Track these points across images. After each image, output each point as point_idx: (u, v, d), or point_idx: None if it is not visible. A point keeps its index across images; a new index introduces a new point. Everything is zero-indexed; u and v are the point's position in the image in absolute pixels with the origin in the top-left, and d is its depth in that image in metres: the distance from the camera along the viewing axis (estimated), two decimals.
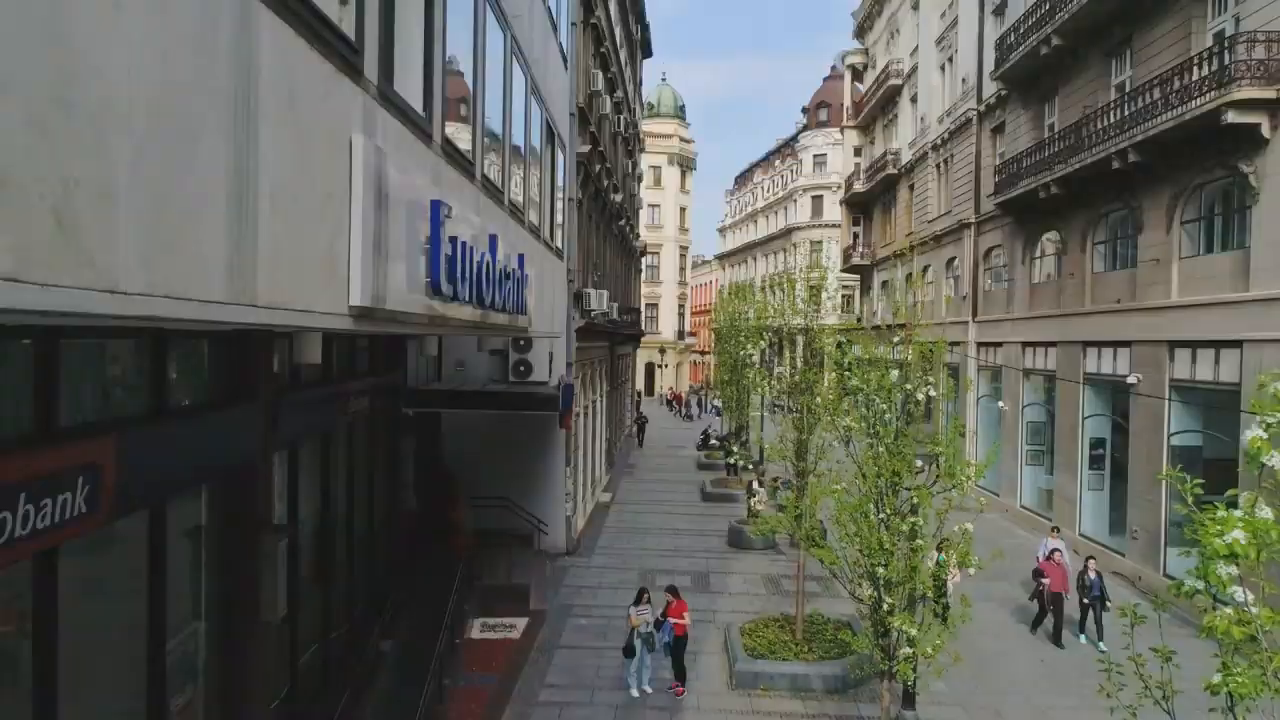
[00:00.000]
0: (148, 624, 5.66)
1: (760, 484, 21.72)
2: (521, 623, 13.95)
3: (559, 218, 13.95)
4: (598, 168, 21.85)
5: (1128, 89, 18.27)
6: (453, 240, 5.84)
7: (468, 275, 6.26)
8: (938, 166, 31.16)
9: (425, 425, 16.94)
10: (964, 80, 28.21)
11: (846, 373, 8.53)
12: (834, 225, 61.80)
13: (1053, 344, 21.48)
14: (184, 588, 6.48)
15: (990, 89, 25.87)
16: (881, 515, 7.29)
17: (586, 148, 19.59)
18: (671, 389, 64.85)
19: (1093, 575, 13.51)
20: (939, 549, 7.81)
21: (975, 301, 26.91)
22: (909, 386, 7.77)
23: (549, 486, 18.70)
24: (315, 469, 9.85)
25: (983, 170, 26.74)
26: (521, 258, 8.85)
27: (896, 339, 8.33)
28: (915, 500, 7.12)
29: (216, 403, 6.58)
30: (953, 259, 29.27)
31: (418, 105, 5.62)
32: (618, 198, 27.75)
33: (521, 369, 18.02)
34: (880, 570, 7.10)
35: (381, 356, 12.80)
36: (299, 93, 3.68)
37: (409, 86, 5.48)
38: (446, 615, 12.20)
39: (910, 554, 7.04)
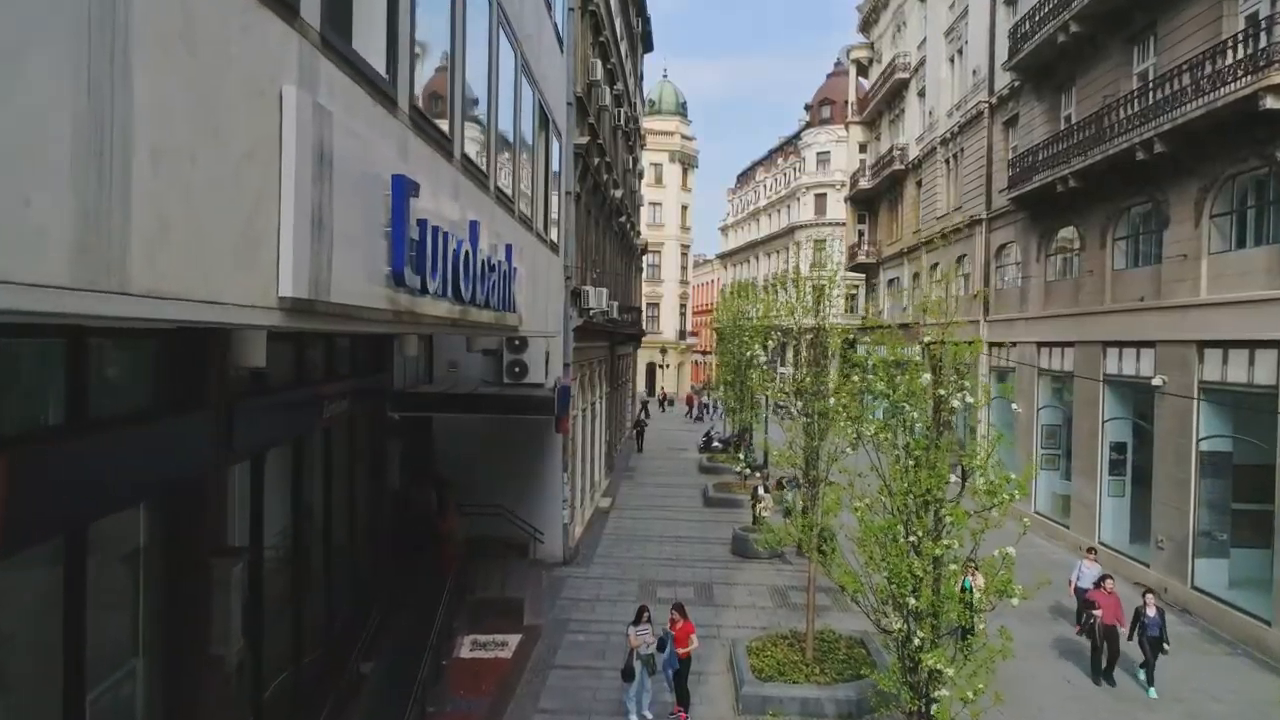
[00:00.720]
0: (63, 666, 4.86)
1: (765, 489, 20.92)
2: (514, 640, 13.15)
3: (554, 211, 13.15)
4: (596, 161, 21.05)
5: (1152, 77, 17.45)
6: (422, 224, 5.05)
7: (442, 265, 5.46)
8: (946, 161, 30.33)
9: (415, 429, 16.15)
10: (974, 72, 27.38)
11: (869, 375, 7.69)
12: (838, 224, 61.05)
13: (1070, 344, 20.66)
14: (116, 621, 5.69)
15: (1003, 80, 25.04)
16: (911, 538, 6.45)
17: (585, 139, 18.79)
18: (663, 391, 63.84)
19: (1152, 612, 12.28)
20: (969, 571, 6.93)
21: (986, 299, 26.07)
22: (942, 392, 6.94)
23: (546, 493, 17.90)
24: (285, 480, 9.05)
25: (994, 164, 25.91)
26: (510, 249, 8.05)
27: (926, 338, 7.52)
28: (950, 520, 6.30)
29: (157, 410, 5.78)
30: (963, 256, 28.44)
31: (379, 65, 4.82)
32: (618, 193, 26.96)
33: (516, 370, 17.22)
34: (910, 601, 6.27)
35: (364, 357, 12.01)
36: (199, 22, 2.87)
37: (368, 42, 4.67)
38: (432, 634, 11.40)
39: (943, 581, 6.20)
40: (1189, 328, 15.77)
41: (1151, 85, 16.81)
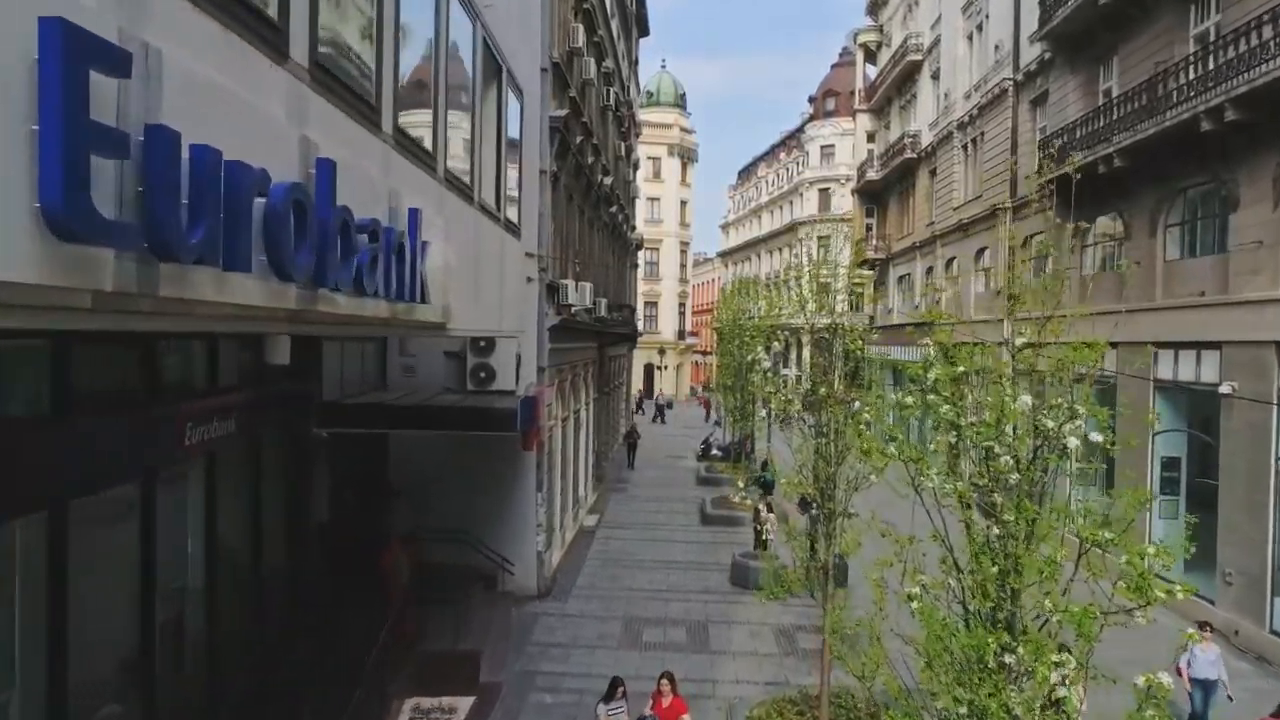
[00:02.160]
0: None
1: (770, 508, 18.62)
2: (466, 704, 10.84)
3: (513, 184, 10.87)
4: (580, 140, 18.77)
5: (1213, 38, 15.14)
6: (158, 136, 2.77)
7: (228, 215, 3.19)
8: (964, 147, 28.02)
9: (363, 446, 13.89)
10: (997, 47, 25.07)
11: (931, 395, 5.38)
12: (842, 219, 58.76)
13: (1110, 345, 18.30)
14: None
15: (1030, 54, 22.72)
16: (1008, 658, 4.16)
17: (564, 112, 16.50)
18: (661, 394, 61.13)
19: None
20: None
21: (1014, 296, 23.70)
22: (1050, 423, 4.70)
23: (518, 516, 15.63)
24: (125, 532, 6.77)
25: (1020, 147, 23.60)
26: (415, 216, 5.77)
27: (1021, 340, 5.29)
28: (1075, 629, 4.02)
29: None
30: (983, 249, 26.13)
31: None
32: (608, 180, 24.66)
33: (482, 375, 15.01)
34: None
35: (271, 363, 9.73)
36: None
37: None
38: (353, 704, 9.12)
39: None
40: (1266, 326, 13.46)
41: (1215, 46, 14.50)
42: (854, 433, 9.27)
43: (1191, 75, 15.06)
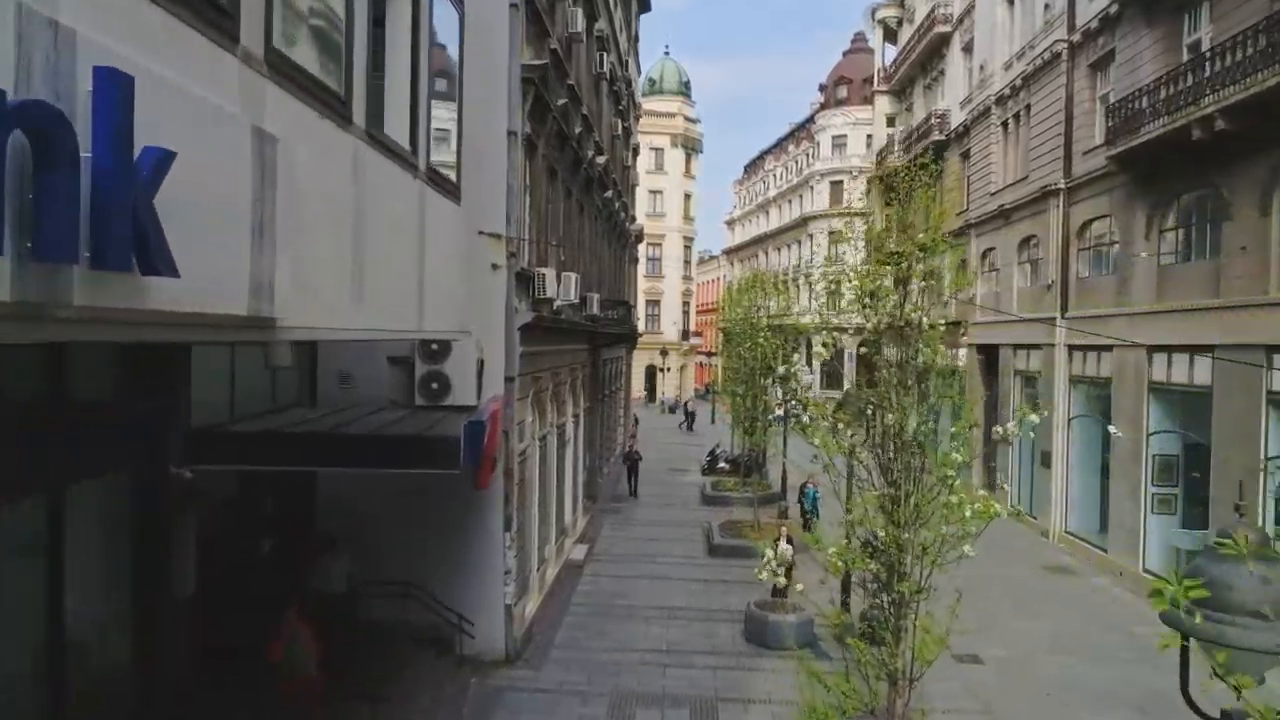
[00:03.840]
0: None
1: (790, 540, 15.46)
2: None
3: (444, 124, 7.78)
4: (563, 102, 15.66)
5: None
6: None
7: None
8: (1005, 124, 24.85)
9: (281, 482, 10.85)
10: (1047, 6, 21.91)
11: None
12: (856, 214, 55.55)
13: (1205, 348, 15.17)
14: None
15: (1090, 10, 19.58)
16: None
17: (541, 62, 13.40)
18: (683, 400, 57.75)
19: None
20: None
21: (1065, 292, 20.61)
22: None
23: (481, 562, 12.58)
24: None
25: (1076, 119, 20.44)
26: (108, 87, 2.68)
27: None
28: None
29: None
30: (1029, 238, 22.96)
31: None
32: (601, 160, 21.57)
33: (434, 387, 11.89)
34: None
35: (114, 376, 6.73)
36: None
37: None
38: None
39: None
40: None
41: None
42: (939, 479, 6.21)
43: None
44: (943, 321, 7.75)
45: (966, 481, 6.42)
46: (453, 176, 7.74)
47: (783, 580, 13.48)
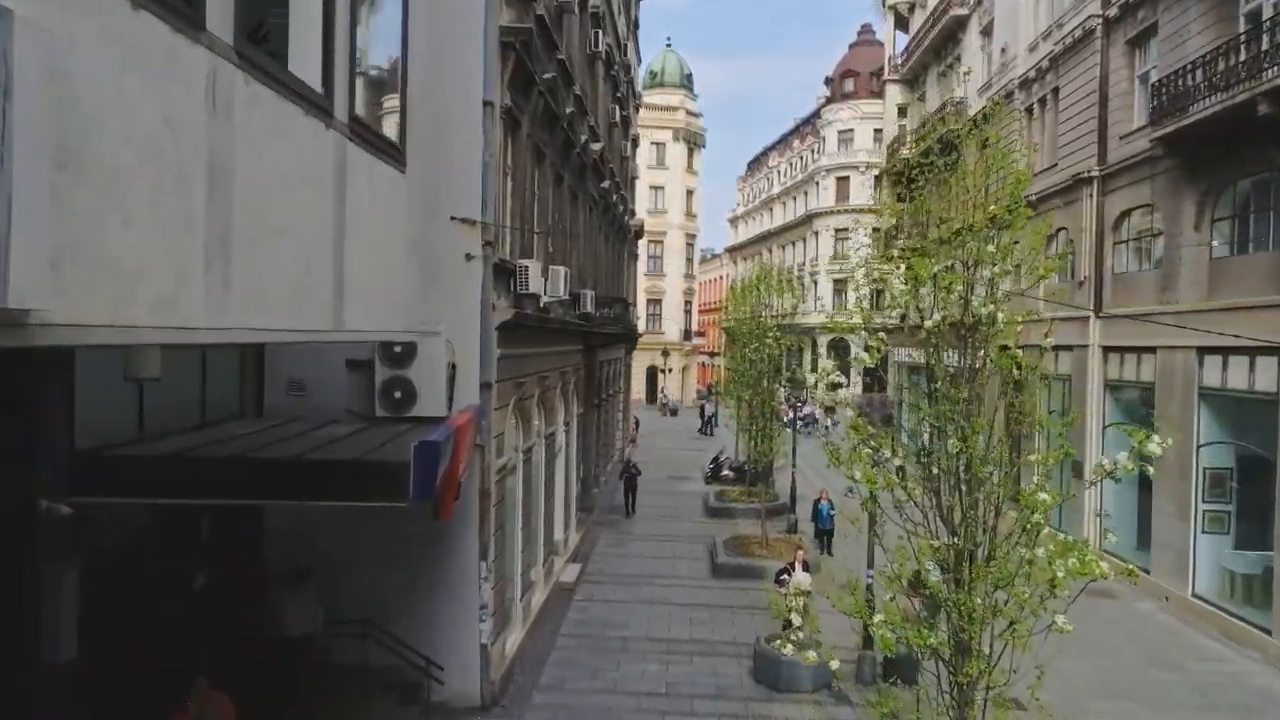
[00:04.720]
0: None
1: (806, 565, 13.87)
2: None
3: (380, 68, 6.19)
4: (550, 75, 14.05)
5: None
6: None
7: None
8: (1029, 109, 23.24)
9: (223, 510, 9.24)
10: None
11: None
12: (863, 210, 53.95)
13: (1266, 350, 13.55)
14: None
15: None
16: None
17: (525, 26, 11.80)
18: (706, 405, 55.62)
19: None
20: None
21: (1099, 288, 18.99)
22: None
23: (452, 597, 10.98)
24: None
25: (1111, 101, 18.82)
26: None
27: None
28: None
29: None
30: (1059, 231, 21.32)
31: None
32: (596, 146, 19.97)
33: (397, 395, 10.26)
34: None
35: None
36: None
37: None
38: None
39: None
40: None
41: None
42: (1023, 527, 4.61)
43: None
44: (1030, 318, 6.19)
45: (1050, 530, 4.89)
46: (393, 136, 6.14)
47: (798, 619, 11.90)
